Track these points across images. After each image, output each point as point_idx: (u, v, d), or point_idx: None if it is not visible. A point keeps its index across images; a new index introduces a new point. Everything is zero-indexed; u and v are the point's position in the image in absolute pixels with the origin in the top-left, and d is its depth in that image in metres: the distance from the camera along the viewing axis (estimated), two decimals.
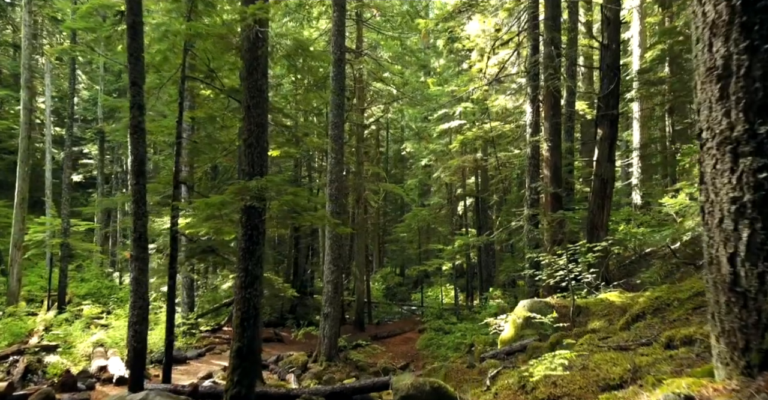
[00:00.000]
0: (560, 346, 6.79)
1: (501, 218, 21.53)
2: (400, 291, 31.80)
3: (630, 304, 7.79)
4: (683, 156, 14.89)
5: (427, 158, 26.68)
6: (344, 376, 13.51)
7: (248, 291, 6.79)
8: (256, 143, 7.00)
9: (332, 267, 14.29)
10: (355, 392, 8.20)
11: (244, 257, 6.85)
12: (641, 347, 4.07)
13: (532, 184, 13.03)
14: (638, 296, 8.23)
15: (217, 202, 6.34)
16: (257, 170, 6.94)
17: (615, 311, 7.77)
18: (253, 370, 6.71)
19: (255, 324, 6.80)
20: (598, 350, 4.17)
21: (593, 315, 8.01)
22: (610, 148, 11.92)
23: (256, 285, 6.86)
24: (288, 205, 6.70)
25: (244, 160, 6.97)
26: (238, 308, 6.77)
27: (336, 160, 14.47)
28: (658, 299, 5.56)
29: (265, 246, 28.21)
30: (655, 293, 5.80)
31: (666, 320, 5.02)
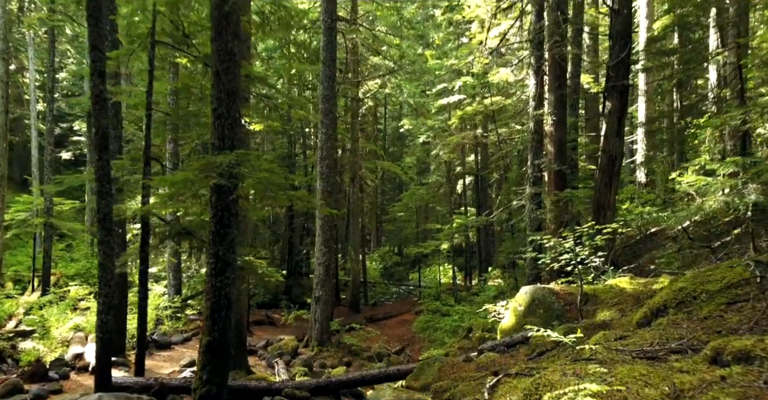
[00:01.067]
0: None
1: (501, 196, 20.78)
2: (397, 271, 31.23)
3: (644, 292, 7.09)
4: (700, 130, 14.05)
5: (425, 135, 25.79)
6: (336, 362, 12.95)
7: (219, 279, 6.07)
8: (227, 114, 6.20)
9: (324, 249, 13.60)
10: (341, 386, 7.56)
11: (215, 241, 6.12)
12: (673, 355, 3.35)
13: (534, 161, 12.24)
14: (651, 283, 7.53)
15: (179, 180, 5.58)
16: (228, 144, 6.15)
17: (627, 299, 7.07)
18: (225, 366, 6.04)
19: (227, 316, 6.10)
20: (618, 358, 3.46)
21: (602, 304, 7.31)
22: (619, 121, 11.08)
23: (228, 273, 6.14)
24: (262, 183, 5.95)
25: (214, 132, 6.18)
26: (207, 298, 6.07)
27: (327, 135, 13.65)
28: (682, 291, 4.83)
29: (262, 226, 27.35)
30: (678, 282, 5.07)
31: (694, 317, 4.30)
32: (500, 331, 8.23)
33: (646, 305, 5.20)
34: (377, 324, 18.36)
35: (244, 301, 10.93)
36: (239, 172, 5.74)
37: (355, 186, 21.09)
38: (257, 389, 7.51)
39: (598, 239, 7.83)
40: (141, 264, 8.24)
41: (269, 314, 18.79)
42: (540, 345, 6.40)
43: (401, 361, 13.71)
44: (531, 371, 4.65)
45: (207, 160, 5.68)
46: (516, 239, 17.75)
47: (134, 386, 7.61)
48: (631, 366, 3.02)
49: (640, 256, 13.32)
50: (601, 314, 6.84)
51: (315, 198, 7.09)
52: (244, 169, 5.90)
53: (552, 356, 5.86)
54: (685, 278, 5.09)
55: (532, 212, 12.02)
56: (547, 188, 11.91)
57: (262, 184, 6.03)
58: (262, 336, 15.71)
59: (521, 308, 7.93)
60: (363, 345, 14.70)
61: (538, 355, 6.17)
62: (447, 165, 26.01)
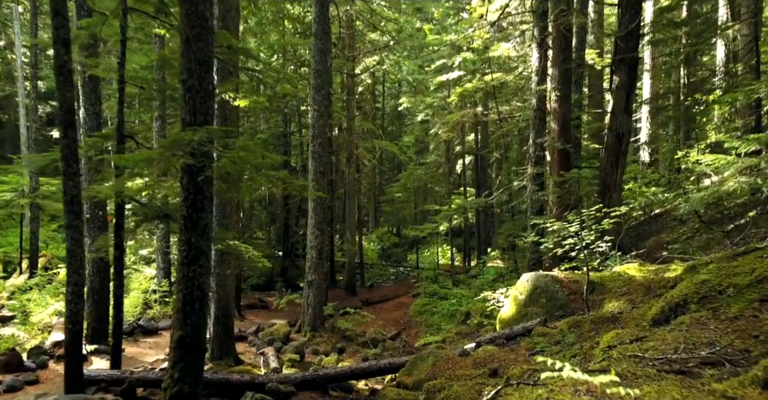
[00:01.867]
0: (571, 333, 5.61)
1: (502, 177, 20.18)
2: (395, 252, 30.78)
3: (655, 280, 6.56)
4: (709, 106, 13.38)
5: (424, 113, 25.04)
6: (329, 348, 12.52)
7: (191, 269, 5.52)
8: (198, 86, 5.57)
9: (316, 231, 13.06)
10: (329, 380, 7.08)
11: (186, 226, 5.55)
12: (707, 367, 2.82)
13: (537, 140, 11.61)
14: (663, 270, 6.99)
15: (141, 159, 4.99)
16: (200, 119, 5.54)
17: (636, 288, 6.55)
18: (198, 364, 5.53)
19: (200, 308, 5.57)
20: (639, 370, 2.92)
21: (609, 293, 6.79)
22: (627, 97, 10.44)
23: (202, 261, 5.59)
24: (237, 163, 5.36)
25: (184, 106, 5.57)
26: (179, 289, 5.53)
27: (319, 112, 13.00)
28: (705, 284, 4.28)
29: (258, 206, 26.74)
30: (699, 274, 4.52)
31: (722, 316, 3.76)
32: (499, 320, 7.73)
33: (663, 298, 4.66)
34: (373, 307, 17.93)
35: (232, 286, 10.42)
36: (211, 151, 5.15)
37: (351, 166, 20.46)
38: (239, 383, 7.04)
39: (605, 223, 7.27)
40: (115, 249, 7.69)
41: (262, 298, 18.36)
42: (543, 338, 5.89)
43: (397, 346, 13.28)
44: (534, 375, 4.13)
45: (173, 137, 5.08)
46: (516, 221, 17.21)
47: (108, 380, 7.15)
48: (659, 385, 2.48)
49: (645, 238, 12.79)
50: (609, 304, 6.32)
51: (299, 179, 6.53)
52: (216, 146, 5.31)
53: (556, 353, 5.35)
54: (708, 270, 4.53)
55: (533, 193, 11.44)
56: (550, 168, 11.31)
57: (236, 164, 5.44)
58: (254, 321, 15.28)
59: (522, 296, 7.41)
60: (358, 330, 14.27)
61: (540, 351, 5.67)
62: (446, 144, 25.34)
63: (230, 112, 10.12)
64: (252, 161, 5.42)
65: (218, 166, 5.40)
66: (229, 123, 10.09)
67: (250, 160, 5.39)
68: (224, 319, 10.13)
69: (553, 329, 6.02)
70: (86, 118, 10.55)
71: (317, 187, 12.84)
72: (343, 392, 7.27)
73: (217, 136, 5.29)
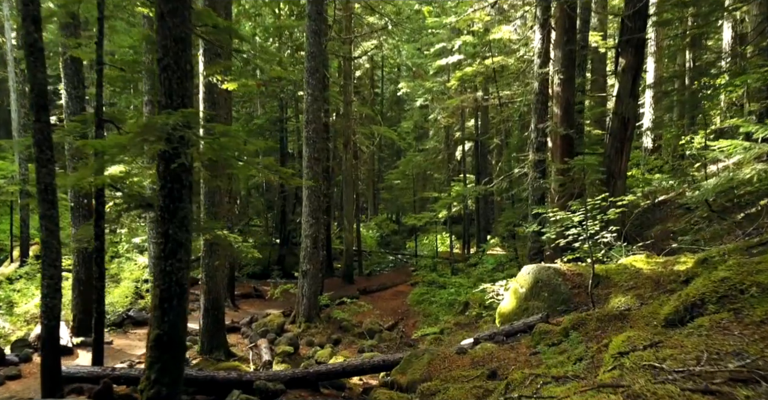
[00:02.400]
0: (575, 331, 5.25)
1: (502, 163, 19.75)
2: (394, 240, 30.45)
3: (664, 274, 6.19)
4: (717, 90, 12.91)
5: (423, 98, 24.51)
6: (324, 339, 12.21)
7: (169, 262, 5.15)
8: (175, 65, 5.15)
9: (311, 220, 12.67)
10: (320, 377, 6.75)
11: (163, 217, 5.16)
12: (738, 385, 2.45)
13: (539, 125, 11.16)
14: (672, 262, 6.62)
15: (110, 145, 4.58)
16: (176, 102, 5.12)
17: (644, 282, 6.18)
18: (177, 364, 5.18)
19: (179, 305, 5.21)
20: (659, 389, 2.54)
21: (616, 287, 6.42)
22: (633, 80, 10.00)
23: (181, 255, 5.21)
24: (216, 149, 4.96)
25: (159, 88, 5.15)
26: (156, 284, 5.16)
27: (313, 97, 12.54)
28: (724, 282, 3.91)
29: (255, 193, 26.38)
30: (718, 271, 4.14)
31: (746, 320, 3.40)
32: (499, 314, 7.38)
33: (677, 296, 4.28)
34: (371, 296, 17.63)
35: (222, 277, 10.08)
36: (188, 137, 4.73)
37: (348, 152, 20.01)
38: (226, 380, 6.71)
39: (611, 213, 6.89)
40: (95, 240, 7.32)
41: (258, 287, 18.03)
42: (544, 336, 5.54)
43: (394, 337, 12.98)
44: (537, 381, 3.77)
45: (146, 121, 4.68)
46: (517, 209, 16.82)
47: (88, 377, 6.82)
48: None
49: (649, 227, 12.42)
50: (616, 299, 5.95)
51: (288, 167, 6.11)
52: (193, 132, 4.89)
53: (559, 352, 5.00)
54: (727, 266, 4.15)
55: (535, 180, 11.03)
56: (552, 155, 10.90)
57: (215, 151, 5.03)
58: (248, 311, 14.97)
59: (523, 289, 7.05)
60: (354, 320, 13.96)
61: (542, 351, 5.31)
62: (446, 130, 24.85)
63: (218, 95, 9.68)
64: (231, 148, 5.02)
65: (193, 152, 4.98)
66: (217, 107, 9.66)
67: (229, 146, 4.99)
68: (214, 311, 9.80)
69: (556, 326, 5.66)
70: (69, 102, 10.13)
71: (311, 174, 12.44)
72: (334, 390, 6.95)
73: (195, 121, 4.87)
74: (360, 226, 25.29)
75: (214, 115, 9.56)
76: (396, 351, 12.32)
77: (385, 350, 12.11)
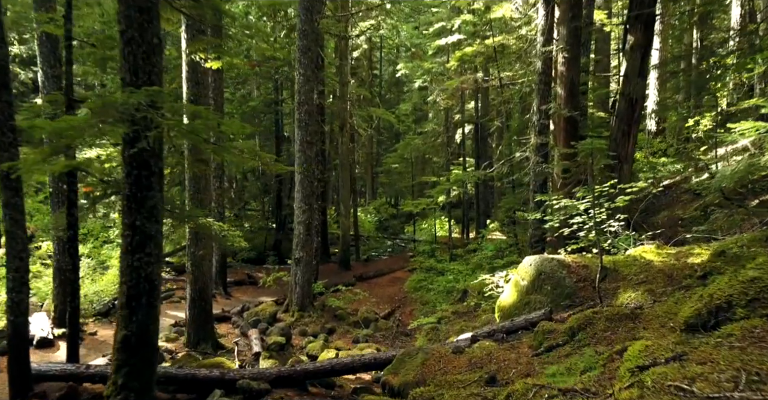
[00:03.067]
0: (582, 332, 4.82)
1: (502, 147, 19.21)
2: (393, 224, 29.98)
3: (677, 267, 5.74)
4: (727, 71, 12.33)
5: (422, 79, 23.87)
6: (318, 328, 11.84)
7: (137, 257, 4.69)
8: (140, 38, 4.62)
9: (303, 206, 12.21)
10: (308, 376, 6.33)
11: (130, 208, 4.69)
12: None
13: (541, 107, 10.62)
14: (685, 254, 6.15)
15: (64, 127, 4.08)
16: (143, 79, 4.61)
17: (656, 276, 5.73)
18: (148, 368, 4.75)
19: (149, 303, 4.76)
20: None
21: (624, 281, 5.97)
22: (642, 58, 9.43)
23: (150, 248, 4.75)
24: (186, 132, 4.46)
25: (123, 64, 4.64)
26: (123, 280, 4.71)
27: (305, 77, 11.97)
28: (754, 283, 3.45)
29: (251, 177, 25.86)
30: (747, 270, 3.67)
31: None
32: (498, 308, 6.95)
33: (699, 297, 3.82)
34: (367, 283, 17.25)
35: (209, 266, 9.66)
36: (153, 118, 4.23)
37: (344, 135, 19.45)
38: (207, 379, 6.30)
39: (620, 201, 6.41)
40: (69, 229, 6.85)
41: (252, 274, 17.64)
42: (548, 336, 5.11)
43: (390, 326, 12.62)
44: (542, 394, 3.33)
45: (104, 100, 4.17)
46: (517, 194, 16.33)
47: (61, 375, 6.41)
48: None
49: (655, 213, 11.94)
50: (625, 294, 5.51)
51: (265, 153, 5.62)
52: (161, 113, 4.39)
53: (565, 356, 4.56)
54: (757, 264, 3.69)
55: (537, 165, 10.53)
56: (556, 138, 10.39)
57: (185, 134, 4.53)
58: (241, 299, 14.58)
59: (524, 282, 6.60)
60: (349, 308, 13.59)
61: (546, 350, 4.89)
62: (445, 113, 24.26)
63: (203, 75, 9.13)
64: (203, 131, 4.51)
65: (164, 135, 4.48)
66: (201, 88, 9.12)
67: (201, 129, 4.48)
68: (201, 302, 9.38)
69: (561, 325, 5.22)
70: (45, 81, 9.58)
71: (304, 158, 11.94)
72: (323, 388, 6.55)
73: (162, 100, 4.36)
74: (357, 210, 24.86)
75: (198, 95, 9.05)
76: (392, 341, 11.99)
77: (380, 340, 11.75)
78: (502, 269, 13.52)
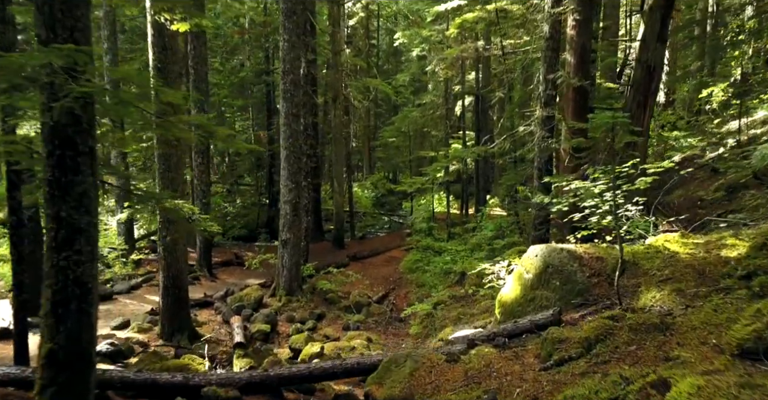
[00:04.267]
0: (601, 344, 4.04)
1: (504, 120, 18.21)
2: (390, 200, 29.12)
3: (708, 261, 4.92)
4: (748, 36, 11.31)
5: (420, 48, 22.68)
6: (306, 314, 11.14)
7: (64, 255, 3.86)
8: None
9: (290, 184, 11.35)
10: (282, 381, 5.59)
11: (53, 195, 3.85)
12: None
13: (548, 76, 9.63)
14: (715, 244, 5.31)
15: None
16: (63, 36, 3.72)
17: (683, 272, 4.91)
18: (81, 385, 3.97)
19: (80, 309, 3.96)
20: None
21: (646, 276, 5.16)
22: (663, 21, 8.45)
23: (80, 244, 3.92)
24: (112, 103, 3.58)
25: (37, 16, 3.73)
26: (48, 283, 3.90)
27: (290, 44, 10.96)
28: None
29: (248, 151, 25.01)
30: None
31: None
32: (499, 303, 6.16)
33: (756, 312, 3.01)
34: (361, 262, 16.53)
35: (183, 250, 8.85)
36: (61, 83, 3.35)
37: (338, 108, 18.45)
38: (169, 384, 5.56)
39: (641, 183, 5.55)
40: (10, 214, 6.02)
41: (240, 253, 16.89)
42: (559, 346, 4.32)
43: (383, 311, 11.91)
44: None
45: (6, 60, 3.29)
46: (519, 170, 15.44)
47: (5, 380, 5.67)
48: None
49: (668, 192, 11.09)
50: (648, 295, 4.71)
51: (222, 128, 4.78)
52: (84, 77, 3.50)
53: (580, 374, 3.78)
54: None
55: (542, 140, 9.62)
56: (564, 110, 9.47)
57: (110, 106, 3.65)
58: (227, 281, 13.86)
59: (529, 275, 5.80)
60: (341, 291, 12.86)
61: (556, 364, 4.11)
62: (444, 83, 23.14)
63: (170, 39, 8.15)
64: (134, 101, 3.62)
65: (62, 106, 3.58)
66: (169, 54, 8.15)
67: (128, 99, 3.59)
68: (175, 289, 8.61)
69: (573, 330, 4.44)
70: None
71: (289, 132, 11.02)
72: (301, 394, 5.82)
73: (85, 61, 3.47)
74: (353, 186, 23.99)
75: (166, 63, 8.11)
76: (385, 327, 11.30)
77: (372, 327, 11.05)
78: (503, 250, 12.76)
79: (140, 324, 9.15)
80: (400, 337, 10.28)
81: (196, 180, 13.43)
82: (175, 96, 3.94)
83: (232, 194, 26.33)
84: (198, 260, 14.10)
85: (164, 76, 8.05)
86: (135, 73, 3.99)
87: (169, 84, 8.13)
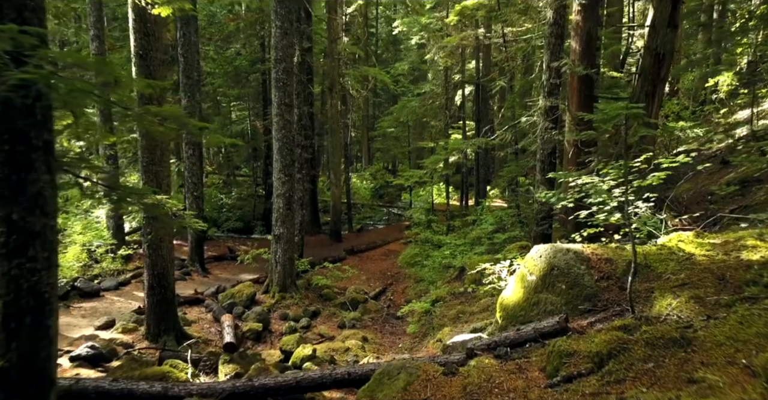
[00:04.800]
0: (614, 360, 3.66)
1: (505, 110, 17.76)
2: (389, 192, 28.69)
3: (728, 263, 4.53)
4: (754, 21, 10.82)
5: (419, 36, 22.16)
6: (301, 311, 10.79)
7: (16, 262, 3.47)
8: None
9: (283, 177, 10.94)
10: (267, 393, 5.22)
11: (2, 196, 3.44)
12: None
13: (552, 64, 9.19)
14: (733, 244, 4.92)
15: None
16: (10, 17, 3.30)
17: (701, 276, 4.52)
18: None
19: (38, 322, 3.57)
20: None
21: (659, 280, 4.77)
22: (674, 4, 7.96)
23: (34, 250, 3.52)
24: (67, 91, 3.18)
25: None
26: None
27: (282, 30, 10.50)
28: None
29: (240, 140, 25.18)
30: None
31: None
32: (501, 307, 5.78)
33: None
34: (359, 256, 16.18)
35: (169, 247, 8.45)
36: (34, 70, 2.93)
37: (334, 97, 17.97)
38: (147, 395, 5.20)
39: (653, 178, 5.13)
40: None
41: (234, 247, 16.51)
42: (567, 360, 3.94)
43: (380, 308, 11.58)
44: None
45: None
46: (520, 161, 15.02)
47: None
48: None
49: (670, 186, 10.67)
50: (663, 302, 4.32)
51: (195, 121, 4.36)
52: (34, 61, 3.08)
53: (591, 395, 3.39)
54: None
55: (545, 131, 9.20)
56: (569, 100, 9.03)
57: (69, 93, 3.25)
58: (220, 276, 13.50)
59: (533, 277, 5.41)
60: (337, 287, 12.52)
61: (564, 380, 3.73)
62: (444, 72, 22.64)
63: (153, 25, 7.69)
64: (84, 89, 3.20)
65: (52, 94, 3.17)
66: (152, 40, 7.70)
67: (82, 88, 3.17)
68: (160, 289, 8.24)
69: (582, 342, 4.05)
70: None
71: (282, 122, 10.60)
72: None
73: (32, 44, 3.05)
74: (352, 177, 23.58)
75: (149, 49, 7.66)
76: (381, 325, 10.94)
77: (369, 324, 10.70)
78: (503, 244, 12.38)
79: (125, 324, 8.79)
80: (397, 336, 9.92)
81: (187, 172, 13.00)
82: (139, 85, 3.51)
83: (228, 186, 25.89)
84: (189, 254, 13.73)
85: (146, 64, 7.62)
86: (89, 58, 3.55)
87: (152, 72, 7.72)
